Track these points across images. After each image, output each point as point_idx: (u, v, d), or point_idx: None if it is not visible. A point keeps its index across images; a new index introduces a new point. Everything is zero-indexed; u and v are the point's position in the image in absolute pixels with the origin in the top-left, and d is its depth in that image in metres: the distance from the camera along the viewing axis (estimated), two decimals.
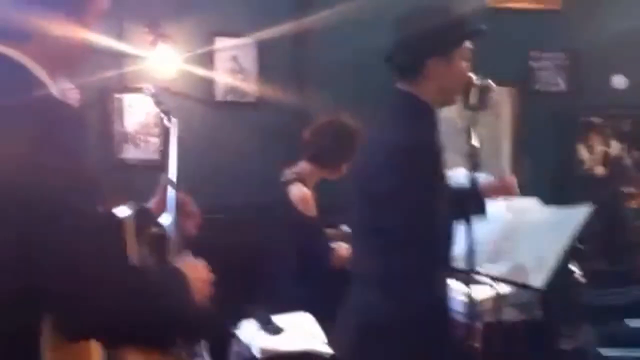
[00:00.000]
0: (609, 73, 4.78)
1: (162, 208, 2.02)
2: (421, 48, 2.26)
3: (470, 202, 2.37)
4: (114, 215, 1.64)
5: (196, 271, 1.62)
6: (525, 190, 3.00)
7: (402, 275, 2.18)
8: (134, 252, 1.65)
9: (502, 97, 4.61)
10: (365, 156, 2.38)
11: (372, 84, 2.33)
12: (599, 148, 5.25)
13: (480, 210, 2.51)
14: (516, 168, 4.61)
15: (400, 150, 2.19)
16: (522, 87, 4.68)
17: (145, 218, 1.81)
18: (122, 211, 1.71)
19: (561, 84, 4.75)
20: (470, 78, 2.33)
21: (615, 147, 5.11)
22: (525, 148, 4.66)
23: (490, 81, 2.35)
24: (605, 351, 3.65)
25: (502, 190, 2.71)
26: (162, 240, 1.89)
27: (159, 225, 1.93)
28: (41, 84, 1.45)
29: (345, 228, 3.25)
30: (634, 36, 4.69)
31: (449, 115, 3.73)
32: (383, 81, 2.24)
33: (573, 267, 3.00)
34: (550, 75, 4.74)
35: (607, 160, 5.10)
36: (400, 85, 2.27)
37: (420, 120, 2.26)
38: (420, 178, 2.17)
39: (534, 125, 4.66)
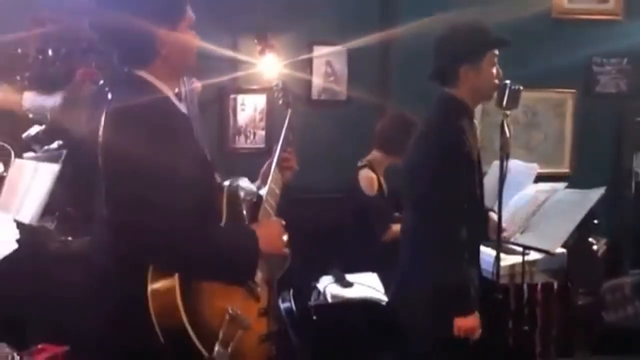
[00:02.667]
0: None
1: (265, 179, 2.26)
2: (453, 58, 2.65)
3: None
4: (218, 186, 2.01)
5: (270, 227, 1.99)
6: (585, 183, 3.41)
7: (436, 244, 2.55)
8: (224, 213, 1.96)
9: (566, 99, 4.89)
10: (414, 145, 2.77)
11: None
12: None
13: None
14: (576, 163, 4.92)
15: (441, 138, 2.61)
16: (585, 89, 4.91)
17: (236, 190, 2.04)
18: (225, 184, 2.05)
19: (622, 87, 4.96)
20: (504, 83, 2.68)
21: None
22: (587, 145, 4.92)
23: (520, 86, 2.72)
24: None
25: None
26: (253, 206, 2.11)
27: (252, 195, 2.13)
28: (160, 92, 1.95)
29: None
30: None
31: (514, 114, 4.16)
32: None
33: (591, 239, 3.41)
34: (612, 79, 4.94)
35: None
36: (445, 89, 2.72)
37: (458, 116, 2.67)
38: (456, 162, 2.57)
39: (595, 124, 4.89)
